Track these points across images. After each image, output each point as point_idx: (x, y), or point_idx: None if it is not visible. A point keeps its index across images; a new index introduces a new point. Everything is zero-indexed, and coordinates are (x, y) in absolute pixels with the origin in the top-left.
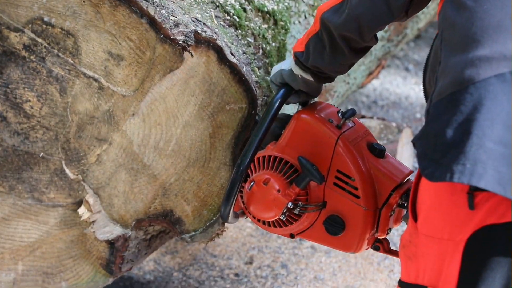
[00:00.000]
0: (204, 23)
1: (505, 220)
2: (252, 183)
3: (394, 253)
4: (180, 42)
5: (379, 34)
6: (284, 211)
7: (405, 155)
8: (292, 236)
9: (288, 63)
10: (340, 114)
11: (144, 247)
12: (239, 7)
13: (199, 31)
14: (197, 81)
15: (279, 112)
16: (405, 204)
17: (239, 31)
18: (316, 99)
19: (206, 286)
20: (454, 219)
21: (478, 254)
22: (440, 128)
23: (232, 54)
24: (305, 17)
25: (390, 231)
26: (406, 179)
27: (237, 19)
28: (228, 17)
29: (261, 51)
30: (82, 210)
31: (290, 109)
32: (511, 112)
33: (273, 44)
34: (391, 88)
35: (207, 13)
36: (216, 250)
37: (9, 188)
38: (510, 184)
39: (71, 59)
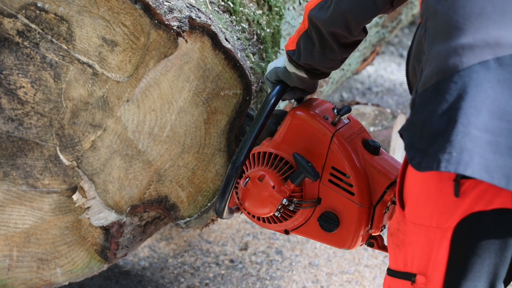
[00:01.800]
0: (198, 9)
1: (492, 207)
2: (247, 179)
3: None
4: (174, 28)
5: (374, 20)
6: (279, 207)
7: (399, 141)
8: (286, 232)
9: (282, 61)
10: (335, 110)
11: (139, 233)
12: None
13: (194, 17)
14: (191, 67)
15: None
16: None
17: (234, 17)
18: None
19: (201, 272)
20: (441, 206)
21: (466, 241)
22: (426, 117)
23: (226, 40)
24: (300, 3)
25: (385, 227)
26: None
27: (232, 5)
28: (223, 3)
29: (255, 37)
30: (76, 196)
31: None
32: (496, 99)
33: (268, 30)
34: (385, 75)
35: None
36: (211, 237)
37: (4, 174)
38: (497, 171)
39: (65, 45)
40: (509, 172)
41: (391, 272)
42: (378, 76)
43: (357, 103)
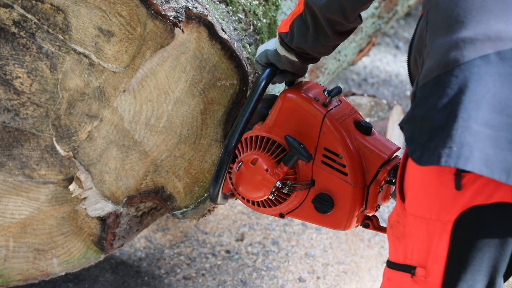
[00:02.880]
0: None
1: (492, 201)
2: (240, 164)
3: (384, 229)
4: (171, 18)
5: (370, 10)
6: (273, 190)
7: (395, 132)
8: (281, 215)
9: (273, 43)
10: (326, 92)
11: (135, 223)
12: None
13: (190, 7)
14: (188, 57)
15: (266, 93)
16: (393, 181)
17: (230, 7)
18: (307, 77)
19: (198, 263)
20: (442, 199)
21: (466, 234)
22: (427, 111)
23: (223, 30)
24: None
25: (379, 207)
26: (393, 156)
27: None
28: None
29: (252, 27)
30: (73, 186)
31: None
32: (497, 94)
33: (264, 20)
34: (381, 66)
35: None
36: (207, 227)
37: (0, 165)
38: (497, 166)
39: (61, 35)
40: (509, 167)
41: (390, 264)
42: (374, 68)
43: (353, 94)
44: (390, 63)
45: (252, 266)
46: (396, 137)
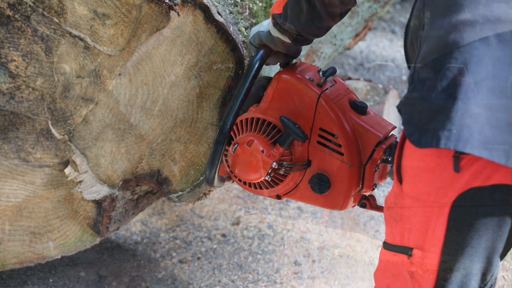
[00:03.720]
0: None
1: (491, 183)
2: (236, 145)
3: (381, 209)
4: (166, 1)
5: None
6: (269, 171)
7: (391, 116)
8: (278, 197)
9: (266, 25)
10: (320, 73)
11: (131, 207)
12: None
13: None
14: (183, 40)
15: (260, 75)
16: (389, 159)
17: None
18: (302, 59)
19: (193, 247)
20: (439, 181)
21: (464, 216)
22: (425, 93)
23: (218, 13)
24: None
25: (376, 186)
26: (389, 134)
27: None
28: None
29: (247, 10)
30: (68, 170)
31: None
32: (496, 76)
33: (260, 4)
34: (377, 51)
35: None
36: (203, 211)
37: None
38: (496, 148)
39: (56, 18)
40: (508, 149)
41: (387, 246)
42: (370, 52)
43: (349, 78)
44: (386, 48)
45: (248, 249)
46: (392, 121)
